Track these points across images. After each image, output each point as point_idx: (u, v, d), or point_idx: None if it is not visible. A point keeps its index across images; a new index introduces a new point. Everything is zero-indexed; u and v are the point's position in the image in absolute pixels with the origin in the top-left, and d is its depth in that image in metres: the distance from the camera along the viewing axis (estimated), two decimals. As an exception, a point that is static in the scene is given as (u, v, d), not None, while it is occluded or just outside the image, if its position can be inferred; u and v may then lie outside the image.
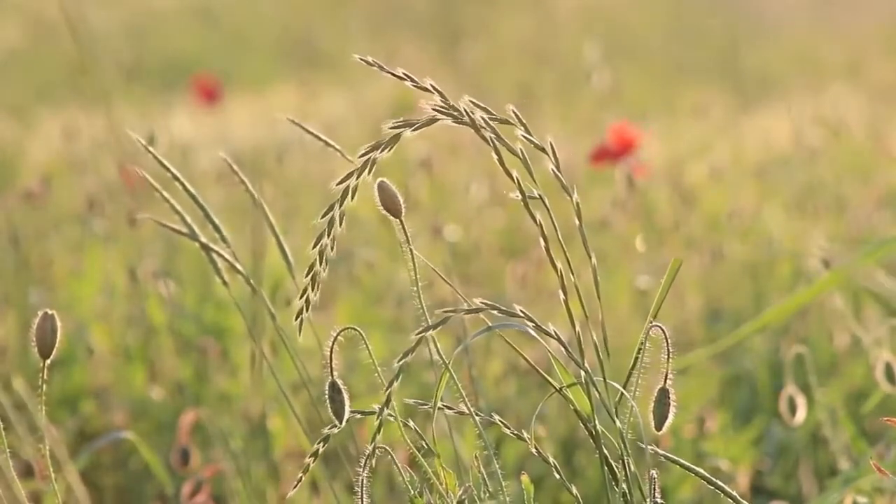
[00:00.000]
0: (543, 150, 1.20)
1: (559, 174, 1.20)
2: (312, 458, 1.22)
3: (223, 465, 1.87)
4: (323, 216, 1.20)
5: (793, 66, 7.18)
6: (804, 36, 8.16)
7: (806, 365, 1.90)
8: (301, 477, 1.23)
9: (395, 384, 1.17)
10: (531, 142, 1.19)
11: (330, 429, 1.21)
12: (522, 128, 1.19)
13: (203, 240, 1.38)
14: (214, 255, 1.39)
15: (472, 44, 7.71)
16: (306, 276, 1.21)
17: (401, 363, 1.17)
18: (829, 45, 7.80)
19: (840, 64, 7.13)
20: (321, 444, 1.22)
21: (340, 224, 1.20)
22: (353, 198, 1.19)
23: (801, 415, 1.85)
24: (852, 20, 8.66)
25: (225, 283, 1.39)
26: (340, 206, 1.19)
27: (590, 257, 1.21)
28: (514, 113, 1.19)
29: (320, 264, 1.21)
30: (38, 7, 9.26)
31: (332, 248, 1.20)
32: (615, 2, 9.79)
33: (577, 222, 1.20)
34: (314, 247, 1.20)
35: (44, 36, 8.51)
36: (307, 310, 1.22)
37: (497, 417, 1.24)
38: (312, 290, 1.21)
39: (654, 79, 6.93)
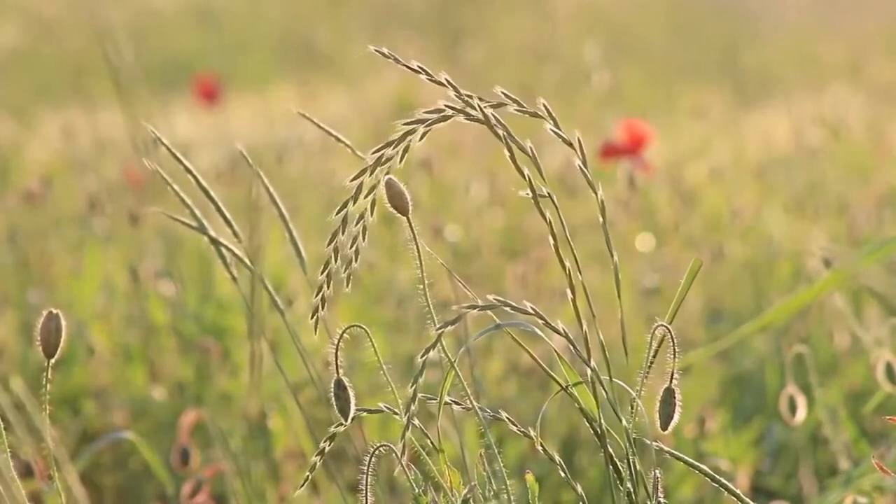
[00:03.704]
0: (570, 144, 1.20)
1: (585, 169, 1.20)
2: (319, 457, 1.22)
3: (223, 465, 1.87)
4: (337, 213, 1.19)
5: (793, 66, 7.18)
6: (804, 36, 8.16)
7: (806, 365, 1.90)
8: (308, 476, 1.23)
9: (421, 380, 1.17)
10: (560, 136, 1.19)
11: (336, 427, 1.21)
12: (552, 121, 1.19)
13: (212, 233, 1.38)
14: (223, 250, 1.39)
15: (472, 44, 7.71)
16: (322, 273, 1.21)
17: (424, 359, 1.17)
18: (829, 45, 7.80)
19: (840, 64, 7.13)
20: (328, 442, 1.22)
21: (372, 213, 1.20)
22: (367, 195, 1.19)
23: (801, 415, 1.85)
24: (852, 20, 8.66)
25: (234, 277, 1.39)
26: (354, 202, 1.19)
27: (612, 255, 1.21)
28: (545, 107, 1.19)
29: (336, 262, 1.21)
30: (38, 7, 9.26)
31: (363, 238, 1.20)
32: (615, 2, 9.79)
33: (600, 219, 1.21)
34: (329, 244, 1.20)
35: (44, 36, 8.51)
36: (323, 308, 1.22)
37: (504, 414, 1.24)
38: (328, 287, 1.21)
39: (654, 79, 6.93)
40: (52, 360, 1.23)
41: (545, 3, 9.19)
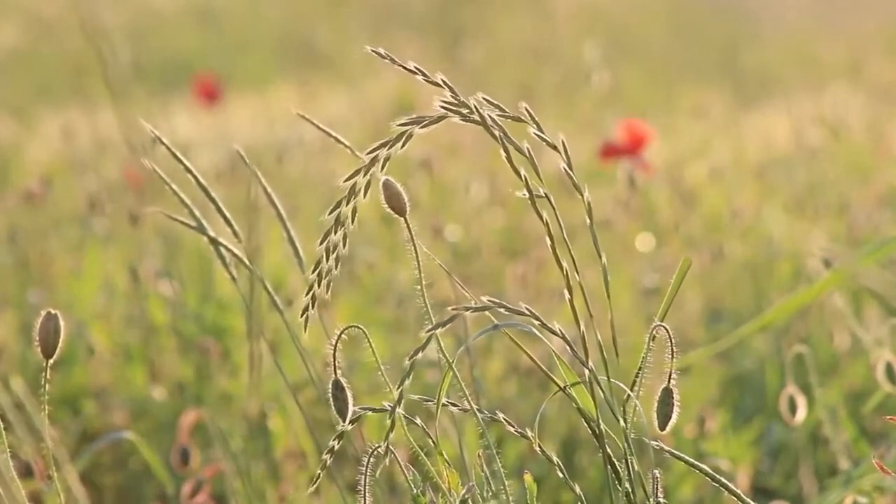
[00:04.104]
0: (555, 147, 1.20)
1: (570, 172, 1.20)
2: (330, 455, 1.22)
3: (223, 465, 1.87)
4: (330, 213, 1.19)
5: (793, 66, 7.18)
6: (804, 36, 8.17)
7: (806, 365, 1.90)
8: (319, 474, 1.23)
9: (407, 381, 1.17)
10: (543, 139, 1.19)
11: (344, 426, 1.21)
12: (535, 125, 1.19)
13: (211, 233, 1.38)
14: (222, 250, 1.39)
15: (472, 44, 7.71)
16: (313, 272, 1.21)
17: (412, 360, 1.16)
18: (829, 45, 7.80)
19: (840, 64, 7.13)
20: (337, 441, 1.22)
21: (353, 221, 1.20)
22: (365, 195, 1.19)
23: (801, 414, 1.85)
24: (852, 20, 8.66)
25: (233, 277, 1.38)
26: (348, 203, 1.19)
27: (600, 256, 1.21)
28: (527, 110, 1.19)
29: (327, 261, 1.21)
30: (38, 7, 9.26)
31: (344, 246, 1.20)
32: (615, 2, 9.79)
33: (587, 221, 1.20)
34: (321, 243, 1.20)
35: (44, 36, 8.51)
36: (313, 306, 1.21)
37: (501, 415, 1.24)
38: (319, 286, 1.21)
39: (654, 79, 6.93)
40: (51, 361, 1.23)
41: (545, 3, 9.19)
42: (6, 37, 8.79)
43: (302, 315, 1.22)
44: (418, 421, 1.22)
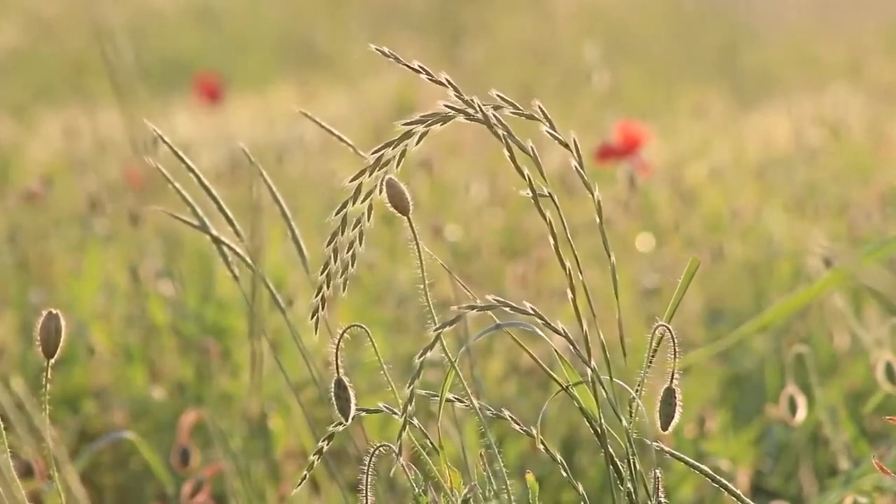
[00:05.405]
0: (566, 145, 1.20)
1: (581, 170, 1.20)
2: (317, 456, 1.22)
3: (223, 465, 1.87)
4: (336, 213, 1.19)
5: (793, 66, 7.18)
6: (804, 36, 8.16)
7: (806, 365, 1.90)
8: (305, 475, 1.23)
9: (417, 381, 1.17)
10: (555, 137, 1.19)
11: (335, 426, 1.21)
12: (547, 123, 1.19)
13: (214, 232, 1.38)
14: (224, 249, 1.39)
15: (472, 44, 7.71)
16: (321, 273, 1.21)
17: (421, 360, 1.16)
18: (829, 45, 7.80)
19: (840, 64, 7.13)
20: (326, 442, 1.22)
21: (369, 218, 1.19)
22: (380, 193, 1.18)
23: (801, 415, 1.85)
24: (852, 20, 8.66)
25: (235, 276, 1.39)
26: (356, 203, 1.19)
27: (609, 255, 1.21)
28: (540, 108, 1.19)
29: (335, 262, 1.20)
30: (38, 7, 9.26)
31: (360, 243, 1.20)
32: (615, 2, 9.79)
33: (596, 219, 1.20)
34: (328, 244, 1.20)
35: (44, 36, 8.51)
36: (323, 309, 1.21)
37: (507, 413, 1.24)
38: (328, 288, 1.21)
39: (654, 79, 6.93)
40: (52, 360, 1.23)
41: (545, 3, 9.19)
42: (6, 37, 8.79)
43: (312, 317, 1.22)
44: (415, 422, 1.21)
